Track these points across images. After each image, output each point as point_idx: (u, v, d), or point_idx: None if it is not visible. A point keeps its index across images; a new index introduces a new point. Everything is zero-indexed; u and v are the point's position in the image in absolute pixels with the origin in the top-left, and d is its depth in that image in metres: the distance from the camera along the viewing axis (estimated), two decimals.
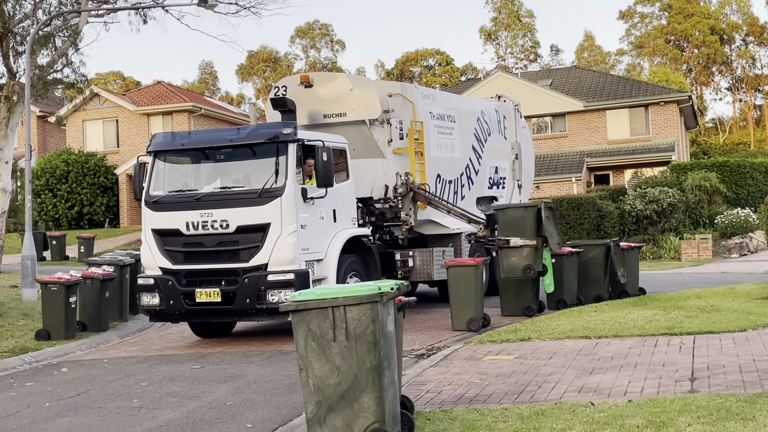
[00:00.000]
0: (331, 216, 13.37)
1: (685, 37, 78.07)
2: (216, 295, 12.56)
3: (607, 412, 6.98)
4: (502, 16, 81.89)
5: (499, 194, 19.05)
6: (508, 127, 19.82)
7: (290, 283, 12.11)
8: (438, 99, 17.52)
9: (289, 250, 12.34)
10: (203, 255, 12.83)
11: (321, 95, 15.51)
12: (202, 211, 12.67)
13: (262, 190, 12.53)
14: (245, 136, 12.98)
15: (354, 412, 6.35)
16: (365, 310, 6.35)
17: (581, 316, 13.58)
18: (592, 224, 33.33)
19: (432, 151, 16.25)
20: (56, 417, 9.11)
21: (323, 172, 12.61)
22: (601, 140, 42.48)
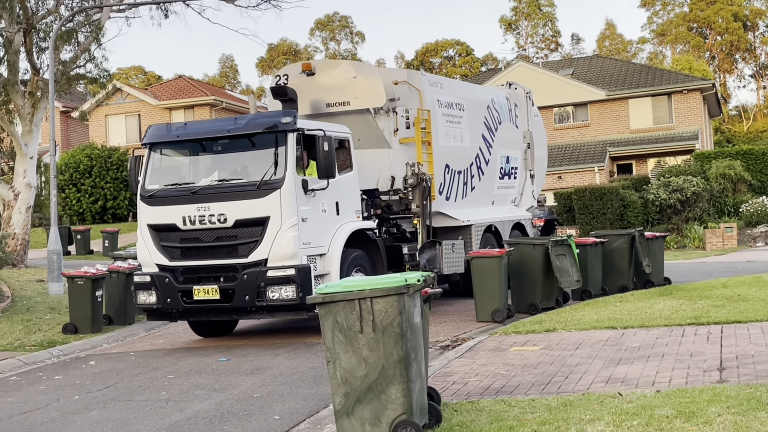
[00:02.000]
0: (334, 209, 12.71)
1: (708, 25, 77.30)
2: (214, 293, 11.92)
3: (636, 403, 6.94)
4: (522, 5, 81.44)
5: (511, 185, 18.56)
6: (520, 116, 19.04)
7: (291, 279, 11.53)
8: (446, 87, 16.59)
9: (289, 244, 11.66)
10: (201, 251, 12.18)
11: (323, 83, 14.83)
12: (198, 205, 12.01)
13: (260, 182, 11.87)
14: (243, 126, 12.29)
15: (382, 404, 6.36)
16: (392, 302, 6.35)
17: (606, 306, 13.53)
18: (616, 214, 33.19)
19: (440, 140, 15.40)
20: (85, 410, 9.19)
21: (324, 163, 11.95)
22: (623, 129, 42.20)
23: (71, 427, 8.45)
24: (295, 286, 11.43)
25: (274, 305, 11.58)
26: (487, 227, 16.59)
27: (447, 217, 15.56)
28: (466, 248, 15.29)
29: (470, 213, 16.04)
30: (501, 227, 17.11)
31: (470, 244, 15.68)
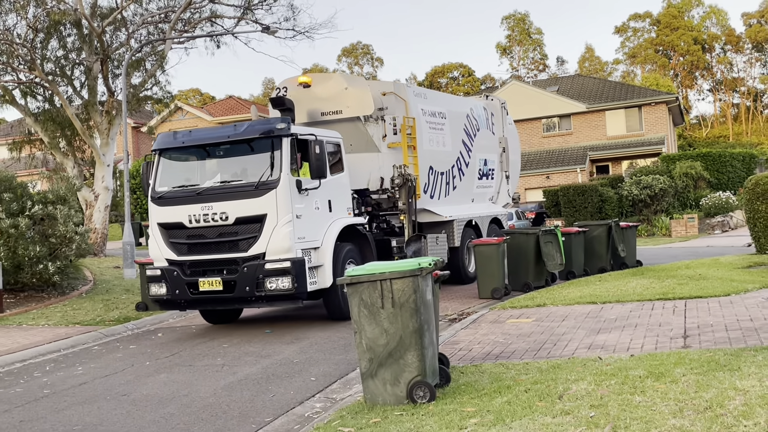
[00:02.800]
0: (327, 206, 11.88)
1: (672, 47, 76.69)
2: (218, 284, 11.11)
3: (613, 365, 6.90)
4: (515, 33, 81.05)
5: (488, 184, 17.75)
6: (496, 123, 18.12)
7: (287, 270, 10.74)
8: (429, 97, 15.68)
9: (285, 239, 10.85)
10: (205, 246, 11.31)
11: (318, 94, 14.09)
12: (203, 204, 11.22)
13: (258, 183, 11.03)
14: (241, 132, 11.42)
15: (400, 367, 6.37)
16: (408, 283, 6.35)
17: (588, 285, 13.45)
18: (595, 207, 33.05)
19: (424, 145, 14.60)
20: (155, 373, 9.25)
21: (316, 164, 11.20)
22: (601, 136, 41.96)
23: (144, 388, 8.50)
24: (291, 277, 10.68)
25: (272, 295, 10.81)
26: (468, 222, 15.91)
27: (431, 214, 14.89)
28: (448, 241, 14.88)
29: (452, 210, 15.39)
30: (480, 222, 16.47)
31: (452, 237, 15.14)
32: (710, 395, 5.52)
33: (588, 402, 5.67)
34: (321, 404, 7.20)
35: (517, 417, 5.49)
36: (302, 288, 10.83)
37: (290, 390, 7.89)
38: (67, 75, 24.10)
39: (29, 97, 24.37)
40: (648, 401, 5.54)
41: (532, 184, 40.52)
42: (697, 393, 5.63)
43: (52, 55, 23.87)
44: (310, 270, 11.12)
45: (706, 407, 5.26)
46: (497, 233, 16.31)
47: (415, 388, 6.31)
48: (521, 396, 6.08)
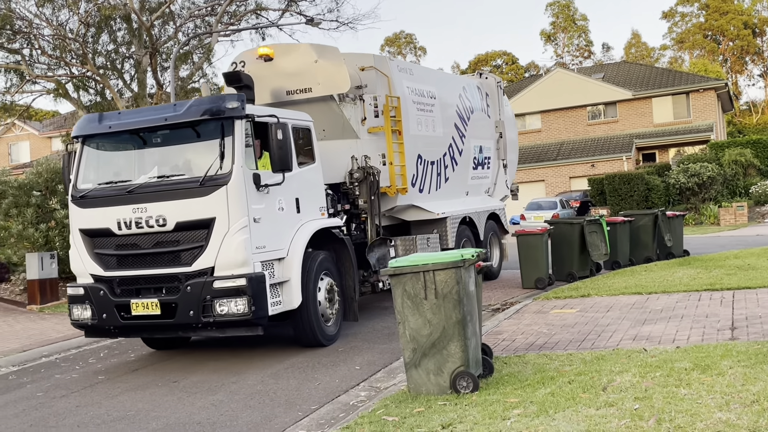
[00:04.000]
0: (293, 206, 9.39)
1: (721, 32, 74.77)
2: (154, 307, 8.62)
3: (658, 357, 6.82)
4: (560, 20, 79.88)
5: (484, 175, 15.22)
6: (491, 105, 15.60)
7: (241, 290, 8.32)
8: (416, 73, 13.01)
9: (238, 249, 8.37)
10: (139, 259, 8.80)
11: (283, 69, 11.23)
12: (135, 206, 8.69)
13: (204, 178, 8.51)
14: (182, 113, 8.76)
15: (443, 358, 6.39)
16: (451, 274, 6.36)
17: (633, 275, 13.28)
18: (641, 196, 32.59)
19: (411, 129, 12.16)
20: (205, 360, 9.39)
21: (278, 154, 8.73)
22: (647, 123, 41.23)
23: (194, 375, 8.66)
24: (247, 298, 8.28)
25: (223, 321, 8.40)
26: (462, 219, 13.54)
27: (421, 210, 12.42)
28: (441, 242, 12.51)
29: (445, 205, 12.97)
30: (476, 218, 14.09)
31: (446, 237, 12.68)
32: (757, 388, 5.43)
33: (632, 394, 5.62)
34: (365, 393, 7.24)
35: (560, 408, 5.48)
36: (261, 311, 8.44)
37: (335, 378, 7.97)
38: (118, 68, 24.61)
39: (81, 90, 24.95)
40: (693, 394, 5.47)
41: (577, 173, 40.03)
42: (744, 386, 5.54)
43: (103, 49, 24.38)
44: (273, 287, 8.73)
45: (753, 400, 5.17)
46: (495, 231, 14.87)
47: (458, 378, 6.33)
48: (565, 387, 6.05)
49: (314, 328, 9.28)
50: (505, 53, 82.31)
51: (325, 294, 9.58)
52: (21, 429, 7.12)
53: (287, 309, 8.98)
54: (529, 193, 39.24)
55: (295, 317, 9.22)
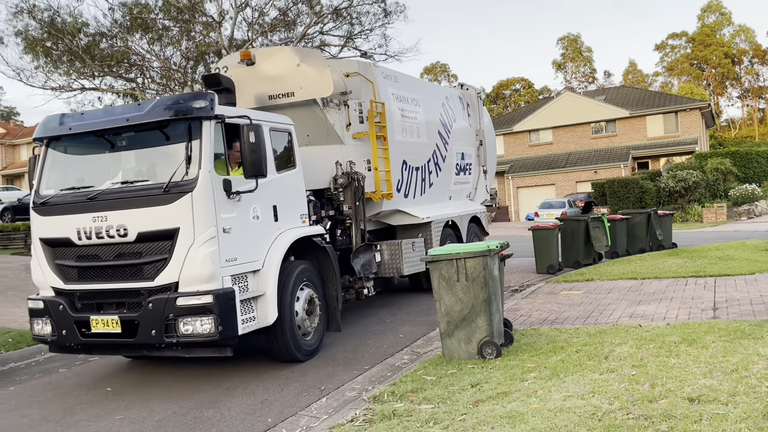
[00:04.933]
0: (270, 214, 7.27)
1: (705, 61, 72.66)
2: (115, 325, 6.61)
3: (651, 332, 6.67)
4: (569, 51, 78.47)
5: (466, 180, 13.23)
6: (472, 114, 13.70)
7: (207, 308, 6.27)
8: (400, 81, 10.97)
9: (204, 263, 6.33)
10: (100, 271, 6.75)
11: (265, 73, 9.26)
12: (95, 214, 6.68)
13: (168, 185, 6.42)
14: (145, 112, 6.64)
15: (472, 329, 6.35)
16: (479, 261, 6.31)
17: (630, 263, 12.99)
18: (636, 197, 31.93)
19: (396, 135, 10.32)
20: None
21: (251, 158, 6.70)
22: (642, 137, 40.30)
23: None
24: (213, 317, 6.26)
25: (187, 342, 6.35)
26: (446, 222, 11.59)
27: (406, 215, 10.50)
28: (426, 246, 10.62)
29: (429, 209, 11.08)
30: (459, 222, 12.10)
31: (430, 241, 10.79)
32: (736, 359, 5.28)
33: (630, 362, 5.51)
34: (408, 356, 7.23)
35: (569, 373, 5.39)
36: (230, 331, 6.41)
37: (383, 344, 7.97)
38: None
39: None
40: (682, 363, 5.34)
41: (582, 178, 39.38)
42: (724, 357, 5.39)
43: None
44: (245, 303, 6.72)
45: (733, 369, 5.03)
46: (477, 234, 12.88)
47: (484, 346, 6.28)
48: (573, 355, 5.96)
49: (289, 343, 7.14)
50: (522, 79, 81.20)
51: (304, 306, 7.44)
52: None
53: (262, 326, 6.82)
54: (542, 195, 38.73)
55: (269, 334, 7.08)
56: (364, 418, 4.95)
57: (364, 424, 4.81)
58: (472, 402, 4.94)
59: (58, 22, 23.57)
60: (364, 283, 9.20)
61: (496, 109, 76.07)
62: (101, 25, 24.16)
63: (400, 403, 5.17)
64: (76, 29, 23.44)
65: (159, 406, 6.15)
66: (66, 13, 23.85)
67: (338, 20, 25.25)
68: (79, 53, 23.15)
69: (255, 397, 6.16)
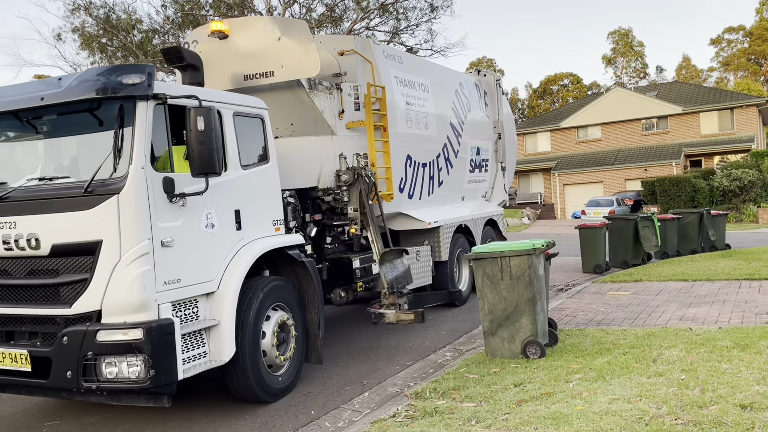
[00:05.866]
0: (231, 221, 5.69)
1: (763, 56, 69.98)
2: (24, 361, 5.06)
3: (702, 336, 6.49)
4: (619, 46, 76.59)
5: (482, 178, 11.61)
6: (490, 104, 11.97)
7: (136, 346, 4.76)
8: (406, 62, 9.34)
9: (133, 287, 4.80)
10: (9, 291, 5.21)
11: (241, 48, 7.48)
12: (2, 219, 5.14)
13: (89, 184, 4.87)
14: (64, 89, 5.04)
15: (516, 328, 6.29)
16: (524, 260, 6.24)
17: (680, 264, 12.65)
18: (688, 196, 31.05)
19: (399, 125, 8.73)
20: None
21: (198, 150, 5.06)
22: (695, 134, 39.10)
23: None
24: (143, 357, 4.76)
25: (111, 388, 4.84)
26: (458, 227, 10.09)
27: (410, 219, 8.97)
28: (433, 254, 9.35)
29: (438, 212, 9.54)
30: (473, 225, 10.58)
31: (438, 249, 9.38)
32: None
33: (679, 366, 5.38)
34: (450, 354, 7.21)
35: (615, 375, 5.30)
36: (166, 375, 4.89)
37: (426, 340, 7.95)
38: None
39: None
40: (734, 369, 5.18)
41: (632, 176, 38.46)
42: None
43: None
44: (192, 336, 5.23)
45: None
46: (493, 239, 11.37)
47: (528, 346, 6.22)
48: (620, 358, 5.85)
49: (250, 381, 5.63)
50: (571, 74, 79.67)
51: (273, 335, 5.90)
52: None
53: (214, 365, 5.33)
54: (590, 193, 37.97)
55: (227, 370, 5.59)
56: (405, 414, 4.97)
57: (406, 420, 4.82)
58: (515, 402, 4.91)
59: (113, 18, 24.29)
60: (396, 298, 7.32)
61: (544, 105, 74.93)
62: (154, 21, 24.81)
63: (442, 401, 5.17)
64: (130, 26, 24.12)
65: (207, 396, 6.29)
66: (120, 10, 24.57)
67: (384, 15, 25.27)
68: (132, 49, 23.80)
69: (298, 390, 6.24)
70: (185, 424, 5.54)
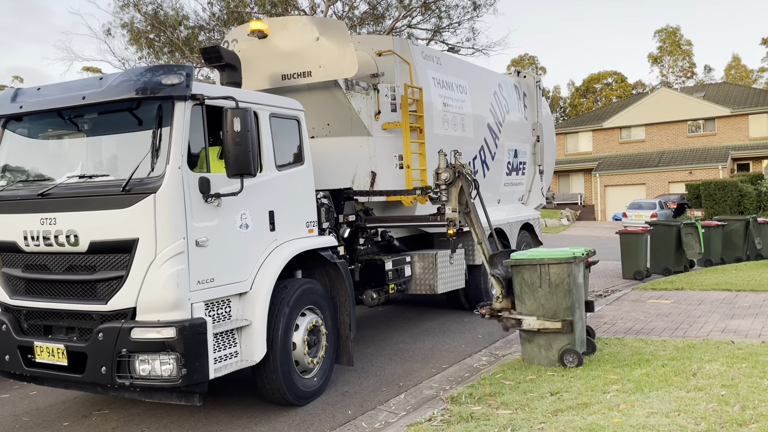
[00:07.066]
0: (265, 222, 5.73)
1: None
2: (61, 355, 5.19)
3: (745, 350, 6.38)
4: (666, 45, 74.75)
5: (519, 181, 11.47)
6: (529, 106, 11.81)
7: (168, 344, 4.81)
8: (444, 63, 9.31)
9: (167, 285, 4.86)
10: (50, 286, 5.33)
11: (280, 48, 7.55)
12: (43, 215, 5.26)
13: (127, 182, 4.94)
14: (104, 89, 5.12)
15: (553, 337, 6.26)
16: (563, 268, 6.22)
17: (724, 273, 12.39)
18: (734, 201, 30.18)
19: (435, 127, 8.68)
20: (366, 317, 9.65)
21: (234, 152, 5.08)
22: (743, 137, 38.00)
23: None
24: (176, 356, 4.82)
25: (144, 385, 4.91)
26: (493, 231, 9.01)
27: None
28: (466, 257, 9.23)
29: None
30: (508, 229, 10.43)
31: (472, 252, 9.26)
32: None
33: (720, 381, 5.31)
34: (486, 358, 7.23)
35: (654, 388, 5.26)
36: (197, 374, 4.94)
37: (461, 344, 7.99)
38: None
39: None
40: None
41: (676, 179, 37.61)
42: None
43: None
44: (224, 336, 5.29)
45: None
46: (529, 243, 11.18)
47: (565, 354, 6.21)
48: (659, 370, 5.80)
49: (280, 383, 5.66)
50: (615, 72, 78.12)
51: (305, 337, 5.93)
52: None
53: (246, 365, 5.39)
54: (631, 195, 37.29)
55: (258, 372, 5.66)
56: (441, 418, 5.03)
57: (442, 424, 4.89)
58: (551, 411, 4.92)
59: (161, 15, 24.85)
60: (509, 303, 6.81)
61: (586, 104, 73.71)
62: (200, 18, 25.27)
63: (478, 406, 5.22)
64: (177, 22, 24.64)
65: (249, 394, 6.47)
66: (168, 7, 25.11)
67: (427, 13, 25.23)
68: (179, 45, 24.32)
69: (336, 389, 6.37)
70: (227, 419, 5.72)
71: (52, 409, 6.21)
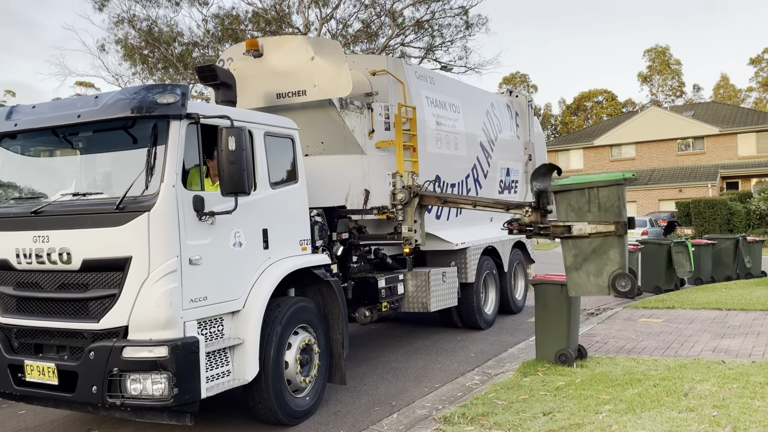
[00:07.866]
0: (258, 240, 5.74)
1: None
2: (51, 374, 5.19)
3: (736, 370, 6.41)
4: (656, 64, 75.62)
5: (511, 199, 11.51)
6: (521, 125, 11.90)
7: (161, 363, 4.81)
8: (437, 83, 9.41)
9: (160, 304, 4.87)
10: (41, 304, 5.35)
11: (275, 67, 7.58)
12: (36, 233, 5.28)
13: (121, 200, 4.99)
14: (100, 108, 5.17)
15: (603, 262, 6.01)
16: (613, 190, 5.96)
17: (714, 291, 12.45)
18: (724, 219, 30.43)
19: (428, 145, 8.81)
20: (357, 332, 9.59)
21: (229, 170, 5.13)
22: (732, 156, 38.42)
23: None
24: (168, 375, 4.81)
25: (135, 404, 4.90)
26: (485, 249, 10.08)
27: (437, 240, 8.92)
28: (459, 275, 9.35)
29: (465, 233, 9.56)
30: (500, 248, 10.53)
31: (465, 270, 9.41)
32: None
33: (711, 402, 5.33)
34: (479, 377, 7.21)
35: (646, 408, 5.28)
36: (189, 394, 4.93)
37: (454, 362, 7.96)
38: None
39: None
40: (767, 407, 5.11)
41: (666, 196, 37.91)
42: None
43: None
44: (216, 355, 5.28)
45: None
46: (521, 261, 11.49)
47: (617, 279, 5.93)
48: (650, 390, 5.81)
49: (272, 403, 5.65)
50: (605, 91, 78.89)
51: (297, 356, 5.91)
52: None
53: (237, 384, 5.36)
54: None
55: (248, 386, 5.57)
56: None
57: None
58: (544, 431, 4.92)
59: (155, 31, 24.93)
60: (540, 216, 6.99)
61: (577, 121, 74.29)
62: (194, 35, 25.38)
63: (471, 426, 5.21)
64: (172, 38, 24.73)
65: (240, 412, 6.42)
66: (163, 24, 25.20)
67: (420, 32, 25.46)
68: (173, 61, 24.38)
69: (328, 408, 6.33)
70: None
71: (42, 428, 6.15)
